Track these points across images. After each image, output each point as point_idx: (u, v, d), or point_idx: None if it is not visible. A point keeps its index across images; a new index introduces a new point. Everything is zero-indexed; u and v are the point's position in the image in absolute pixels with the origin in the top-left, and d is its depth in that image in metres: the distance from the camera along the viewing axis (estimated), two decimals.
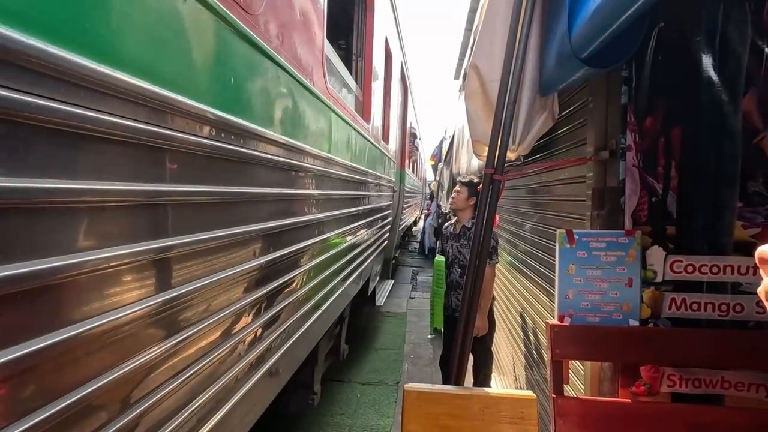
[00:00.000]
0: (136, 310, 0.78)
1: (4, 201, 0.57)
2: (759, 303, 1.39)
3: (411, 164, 9.33)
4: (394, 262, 7.18)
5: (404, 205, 7.25)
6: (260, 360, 1.31)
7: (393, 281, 6.45)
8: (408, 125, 7.39)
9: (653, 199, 1.47)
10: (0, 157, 0.56)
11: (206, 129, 0.96)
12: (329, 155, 2.02)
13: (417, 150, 9.87)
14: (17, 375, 0.59)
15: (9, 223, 0.58)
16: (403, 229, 7.88)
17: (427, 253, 10.75)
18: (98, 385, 0.71)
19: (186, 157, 0.90)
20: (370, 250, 3.45)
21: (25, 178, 0.59)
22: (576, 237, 1.51)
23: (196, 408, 0.98)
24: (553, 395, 1.42)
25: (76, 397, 0.67)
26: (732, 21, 1.38)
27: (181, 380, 0.92)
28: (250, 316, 1.23)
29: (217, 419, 1.07)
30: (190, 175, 0.92)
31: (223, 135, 1.02)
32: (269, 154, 1.32)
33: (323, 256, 2.02)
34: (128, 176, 0.77)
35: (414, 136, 8.54)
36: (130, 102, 0.75)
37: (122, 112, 0.73)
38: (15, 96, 0.57)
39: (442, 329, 3.21)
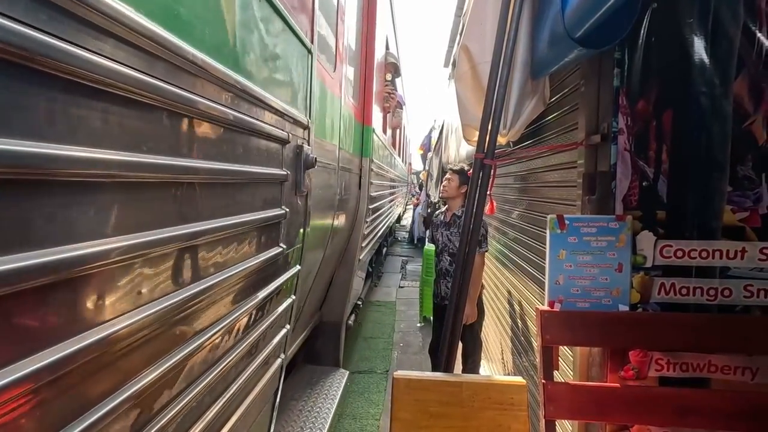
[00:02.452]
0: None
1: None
2: (746, 287, 1.40)
3: (390, 132, 5.29)
4: (354, 319, 3.64)
5: (374, 205, 3.50)
6: None
7: (348, 373, 2.81)
8: (383, 43, 3.92)
9: (644, 184, 1.45)
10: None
11: None
12: None
13: (400, 109, 5.56)
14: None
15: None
16: (371, 251, 4.19)
17: (416, 242, 10.78)
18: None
19: None
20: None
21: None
22: (567, 222, 1.49)
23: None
24: (543, 381, 1.42)
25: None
26: (725, 3, 1.36)
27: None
28: None
29: None
30: None
31: None
32: None
33: None
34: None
35: (396, 71, 4.87)
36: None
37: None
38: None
39: (432, 317, 3.21)
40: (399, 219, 10.67)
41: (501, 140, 1.85)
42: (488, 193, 1.68)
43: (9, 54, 0.46)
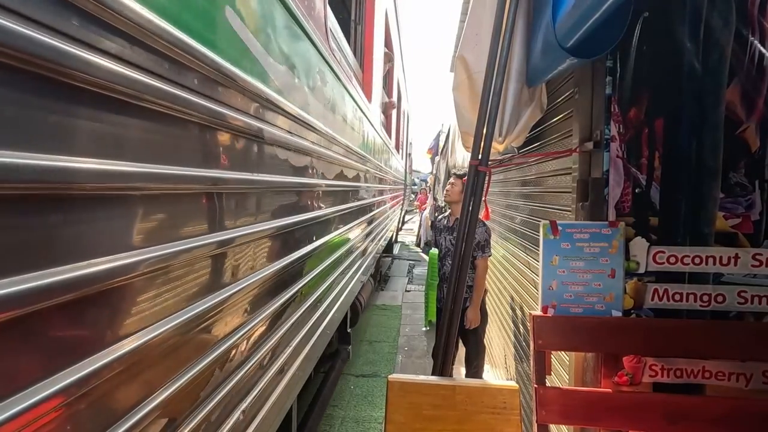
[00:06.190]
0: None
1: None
2: (740, 293, 1.40)
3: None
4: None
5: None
6: None
7: None
8: None
9: (637, 190, 1.47)
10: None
11: None
12: None
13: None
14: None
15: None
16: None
17: (423, 246, 10.78)
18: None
19: None
20: None
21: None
22: (560, 228, 1.51)
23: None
24: (535, 385, 1.43)
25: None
26: (716, 11, 1.37)
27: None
28: None
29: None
30: None
31: None
32: None
33: None
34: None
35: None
36: None
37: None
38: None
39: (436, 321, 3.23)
40: (390, 247, 8.11)
41: (498, 147, 1.87)
42: (483, 199, 1.70)
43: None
